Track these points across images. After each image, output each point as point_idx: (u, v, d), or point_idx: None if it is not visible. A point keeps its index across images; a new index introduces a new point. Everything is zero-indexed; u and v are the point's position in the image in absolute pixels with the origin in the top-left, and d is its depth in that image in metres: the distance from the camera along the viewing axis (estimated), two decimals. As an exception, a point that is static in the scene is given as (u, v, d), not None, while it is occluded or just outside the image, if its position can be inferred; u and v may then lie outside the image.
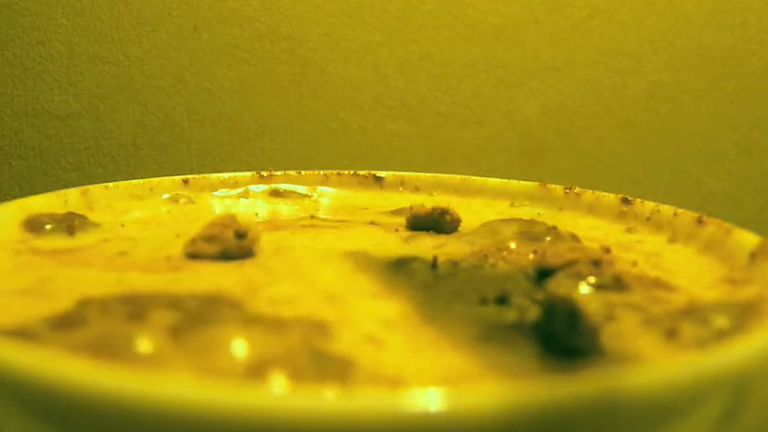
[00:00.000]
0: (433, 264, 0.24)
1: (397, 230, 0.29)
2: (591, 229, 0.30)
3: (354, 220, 0.32)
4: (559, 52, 0.62)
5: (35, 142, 0.60)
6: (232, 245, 0.24)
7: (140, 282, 0.21)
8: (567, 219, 0.32)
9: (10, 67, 0.59)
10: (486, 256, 0.24)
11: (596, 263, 0.21)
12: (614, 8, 0.61)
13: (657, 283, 0.22)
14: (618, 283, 0.21)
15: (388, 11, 0.60)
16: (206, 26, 0.60)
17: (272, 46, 0.60)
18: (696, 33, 0.62)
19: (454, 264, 0.24)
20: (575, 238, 0.27)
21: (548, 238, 0.26)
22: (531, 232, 0.26)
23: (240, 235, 0.24)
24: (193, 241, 0.24)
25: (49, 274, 0.22)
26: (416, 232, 0.29)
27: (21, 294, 0.20)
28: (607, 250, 0.25)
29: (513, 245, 0.25)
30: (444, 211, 0.29)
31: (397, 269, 0.23)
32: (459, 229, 0.30)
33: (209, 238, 0.24)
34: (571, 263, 0.21)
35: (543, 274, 0.21)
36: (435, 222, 0.29)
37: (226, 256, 0.24)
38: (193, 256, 0.24)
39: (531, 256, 0.24)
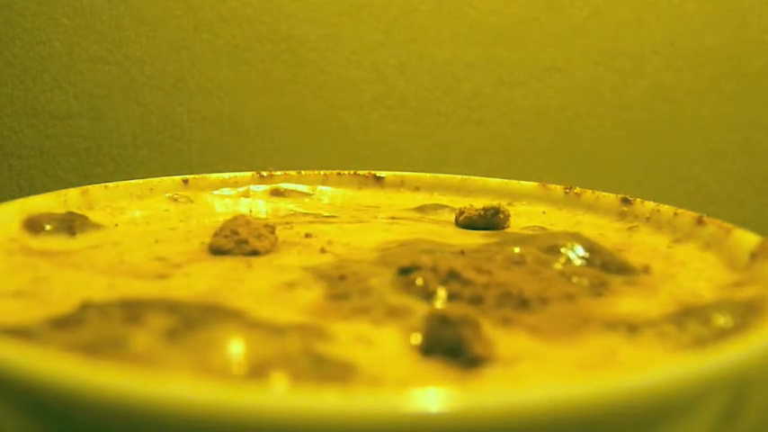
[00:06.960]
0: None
1: (437, 223, 0.31)
2: (591, 227, 0.30)
3: (379, 216, 0.33)
4: (559, 52, 0.62)
5: (35, 142, 0.61)
6: (255, 242, 0.24)
7: (140, 285, 0.21)
8: (567, 218, 0.32)
9: (10, 67, 0.59)
10: (462, 252, 0.23)
11: (452, 275, 0.20)
12: (614, 8, 0.61)
13: (528, 305, 0.20)
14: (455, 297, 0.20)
15: (388, 11, 0.60)
16: (206, 26, 0.60)
17: (272, 46, 0.60)
18: (696, 33, 0.62)
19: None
20: (603, 261, 0.25)
21: (560, 250, 0.25)
22: (553, 246, 0.25)
23: (269, 229, 0.25)
24: (216, 235, 0.25)
25: (48, 275, 0.22)
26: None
27: (18, 296, 0.20)
28: (646, 269, 0.25)
29: (516, 249, 0.24)
30: (497, 211, 0.30)
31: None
32: (508, 226, 0.30)
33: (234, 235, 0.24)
34: (426, 267, 0.21)
35: (404, 270, 0.21)
36: (488, 222, 0.30)
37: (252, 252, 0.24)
38: (218, 251, 0.24)
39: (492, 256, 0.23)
